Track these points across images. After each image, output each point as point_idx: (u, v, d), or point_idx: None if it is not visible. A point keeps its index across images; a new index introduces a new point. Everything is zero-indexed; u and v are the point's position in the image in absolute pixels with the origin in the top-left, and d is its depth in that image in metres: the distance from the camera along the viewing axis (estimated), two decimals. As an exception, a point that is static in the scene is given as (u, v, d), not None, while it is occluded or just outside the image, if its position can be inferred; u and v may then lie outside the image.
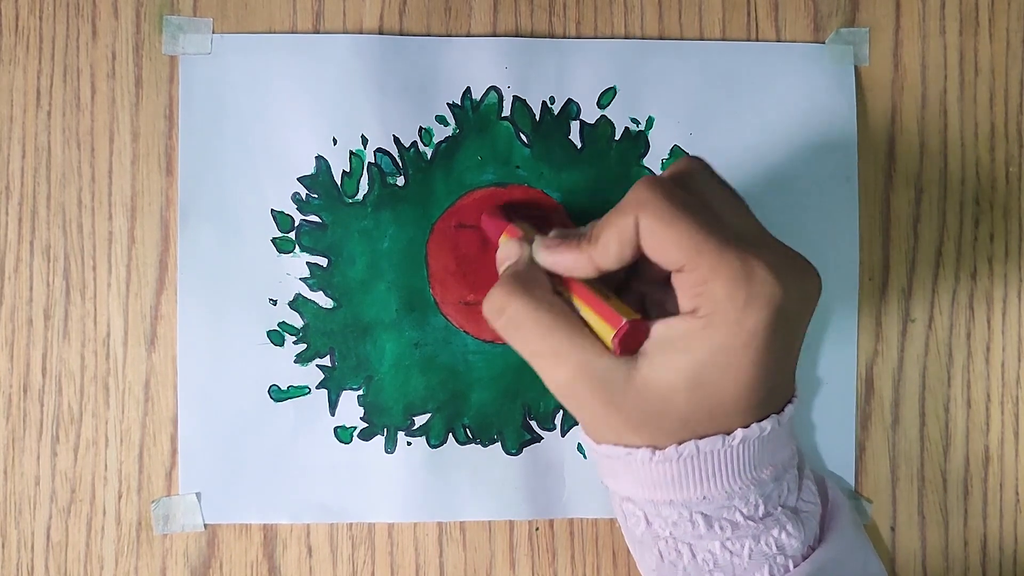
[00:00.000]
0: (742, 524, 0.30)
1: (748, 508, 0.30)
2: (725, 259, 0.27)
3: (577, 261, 0.30)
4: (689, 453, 0.29)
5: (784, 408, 0.31)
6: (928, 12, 0.41)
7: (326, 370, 0.39)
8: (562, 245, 0.31)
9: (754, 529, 0.31)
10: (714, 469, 0.30)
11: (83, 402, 0.39)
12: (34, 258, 0.39)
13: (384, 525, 0.39)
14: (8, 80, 0.39)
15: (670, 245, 0.28)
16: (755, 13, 0.40)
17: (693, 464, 0.30)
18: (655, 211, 0.28)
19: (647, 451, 0.30)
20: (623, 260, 0.30)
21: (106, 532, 0.39)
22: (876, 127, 0.41)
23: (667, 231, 0.28)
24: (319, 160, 0.39)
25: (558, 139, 0.39)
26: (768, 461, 0.31)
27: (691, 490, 0.30)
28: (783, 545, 0.31)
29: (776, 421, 0.30)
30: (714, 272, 0.27)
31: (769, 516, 0.31)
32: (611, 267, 0.30)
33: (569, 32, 0.40)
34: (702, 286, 0.28)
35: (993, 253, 0.41)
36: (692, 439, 0.29)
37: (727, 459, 0.30)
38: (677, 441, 0.30)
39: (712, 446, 0.29)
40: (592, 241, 0.30)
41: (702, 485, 0.30)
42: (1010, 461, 0.41)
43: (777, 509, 0.31)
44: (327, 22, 0.39)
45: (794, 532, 0.31)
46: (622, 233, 0.29)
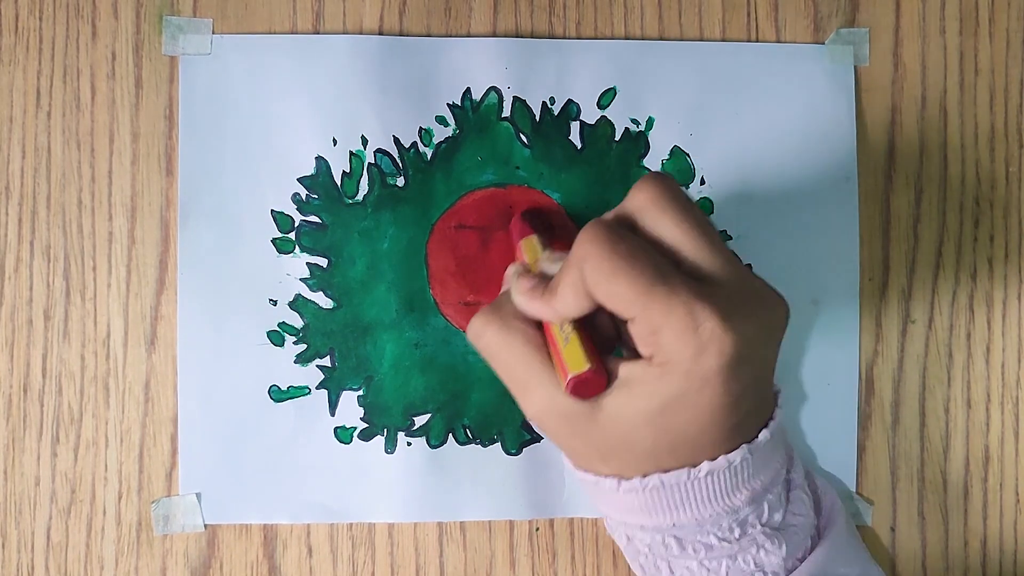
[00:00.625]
0: (716, 546, 0.31)
1: (721, 532, 0.31)
2: (671, 310, 0.27)
3: (542, 311, 0.31)
4: (654, 485, 0.30)
5: (758, 435, 0.31)
6: (928, 12, 0.41)
7: (326, 370, 0.39)
8: (531, 289, 0.31)
9: (729, 549, 0.31)
10: (681, 499, 0.30)
11: (83, 402, 0.39)
12: (34, 258, 0.39)
13: (384, 525, 0.39)
14: (8, 80, 0.39)
15: (616, 298, 0.28)
16: (755, 14, 0.40)
17: (659, 495, 0.30)
18: (597, 266, 0.28)
19: (614, 481, 0.31)
20: (585, 309, 0.30)
21: (106, 532, 0.39)
22: (876, 127, 0.41)
23: (611, 286, 0.28)
24: (319, 160, 0.39)
25: (558, 140, 0.39)
26: (743, 486, 0.31)
27: (661, 517, 0.31)
28: (761, 563, 0.31)
29: (747, 450, 0.30)
30: (663, 323, 0.27)
31: (745, 536, 0.31)
32: (575, 315, 0.30)
33: (569, 33, 0.40)
34: (653, 336, 0.28)
35: (993, 253, 0.41)
36: (657, 472, 0.30)
37: (694, 490, 0.30)
38: (642, 473, 0.30)
39: (677, 479, 0.30)
40: (552, 293, 0.30)
41: (671, 513, 0.30)
42: (1010, 461, 0.41)
43: (755, 528, 0.31)
44: (327, 22, 0.39)
45: (772, 549, 0.31)
46: (575, 286, 0.29)
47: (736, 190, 0.40)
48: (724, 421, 0.29)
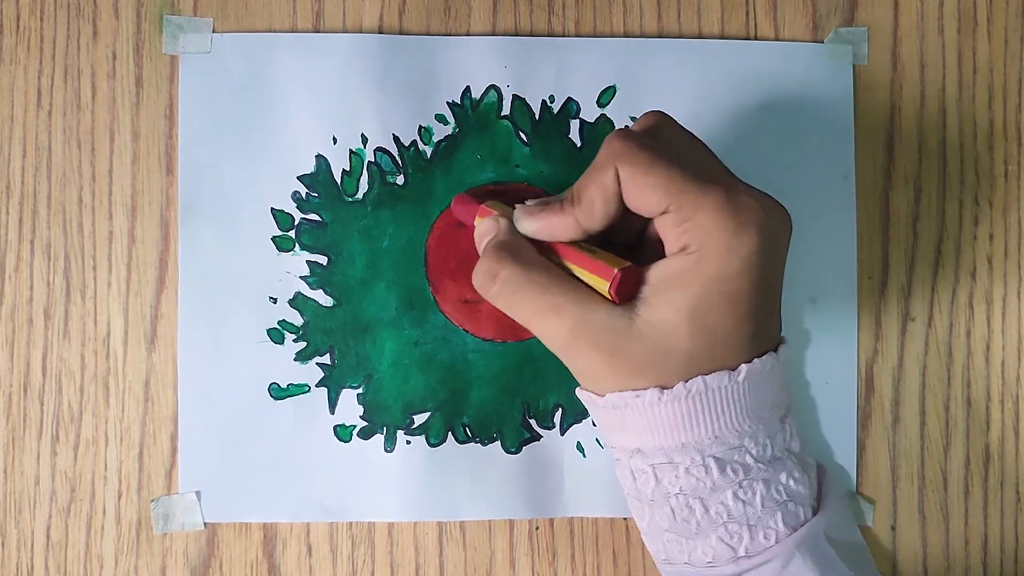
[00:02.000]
0: (753, 467, 0.30)
1: (757, 449, 0.31)
2: (709, 193, 0.28)
3: (563, 224, 0.31)
4: (697, 390, 0.30)
5: (778, 348, 0.31)
6: (927, 11, 0.41)
7: (326, 368, 0.39)
8: (545, 210, 0.31)
9: (764, 472, 0.31)
10: (723, 406, 0.30)
11: (83, 401, 0.39)
12: (34, 257, 0.39)
13: (384, 524, 0.39)
14: (9, 80, 0.39)
15: (652, 189, 0.29)
16: (754, 12, 0.40)
17: (702, 401, 0.30)
18: (633, 160, 0.29)
19: (655, 391, 0.30)
20: (608, 217, 0.30)
21: (106, 531, 0.39)
22: (875, 126, 0.41)
23: (647, 177, 0.29)
24: (319, 159, 0.39)
25: (558, 138, 0.40)
26: (771, 401, 0.31)
27: (702, 429, 0.30)
28: (792, 492, 0.31)
29: (775, 358, 0.31)
30: (699, 207, 0.28)
31: (777, 460, 0.31)
32: (597, 226, 0.30)
33: (568, 31, 0.40)
34: (689, 222, 0.28)
35: (992, 251, 0.41)
36: (699, 375, 0.30)
37: (734, 395, 0.30)
38: (684, 379, 0.30)
39: (719, 382, 0.30)
40: (575, 202, 0.30)
41: (714, 423, 0.30)
42: (1010, 460, 0.41)
43: (784, 452, 0.31)
44: (327, 21, 0.39)
45: (800, 478, 0.31)
46: (604, 189, 0.29)
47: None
48: (757, 315, 0.29)
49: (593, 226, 0.30)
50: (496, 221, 0.33)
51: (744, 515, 0.31)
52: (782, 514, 0.31)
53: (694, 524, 0.31)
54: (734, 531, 0.31)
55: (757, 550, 0.31)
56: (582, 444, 0.39)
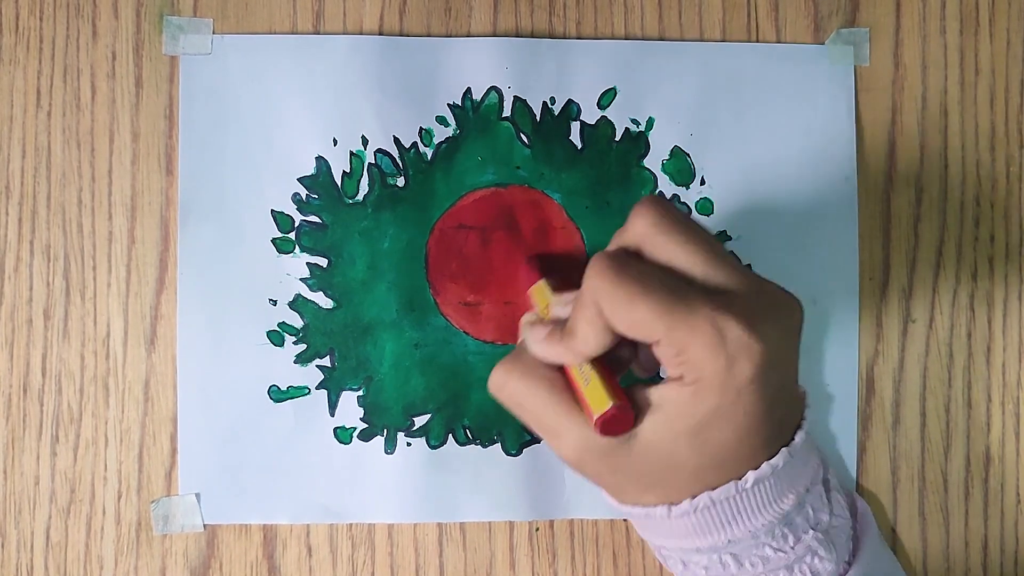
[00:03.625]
0: (772, 558, 0.31)
1: (776, 541, 0.31)
2: (696, 327, 0.27)
3: (564, 354, 0.31)
4: (704, 505, 0.30)
5: (794, 436, 0.31)
6: (928, 12, 0.41)
7: (326, 370, 0.39)
8: (548, 338, 0.31)
9: (785, 559, 0.31)
10: (733, 514, 0.30)
11: (83, 402, 0.39)
12: (34, 258, 0.39)
13: (384, 525, 0.39)
14: (8, 80, 0.39)
15: (638, 325, 0.28)
16: (755, 13, 0.40)
17: (711, 514, 0.30)
18: (613, 297, 0.28)
19: (663, 508, 0.30)
20: (604, 347, 0.30)
21: (106, 532, 0.39)
22: (876, 127, 0.41)
23: (630, 314, 0.28)
24: (319, 160, 0.39)
25: (558, 140, 0.39)
26: (788, 490, 0.31)
27: (715, 536, 0.30)
28: (817, 570, 0.31)
29: (787, 453, 0.30)
30: (689, 341, 0.27)
31: (799, 543, 0.31)
32: (597, 353, 0.30)
33: (569, 32, 0.40)
34: (682, 355, 0.28)
35: (993, 253, 0.41)
36: (705, 491, 0.30)
37: (744, 502, 0.30)
38: (690, 495, 0.30)
39: (726, 494, 0.30)
40: (570, 335, 0.30)
41: (724, 530, 0.30)
42: (1011, 462, 0.41)
43: (807, 534, 0.31)
44: (327, 23, 0.39)
45: (826, 555, 0.31)
46: (593, 323, 0.29)
47: (736, 190, 0.40)
48: (761, 428, 0.29)
49: (590, 355, 0.30)
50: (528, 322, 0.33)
51: None
52: None
53: None
54: None
55: None
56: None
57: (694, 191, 0.40)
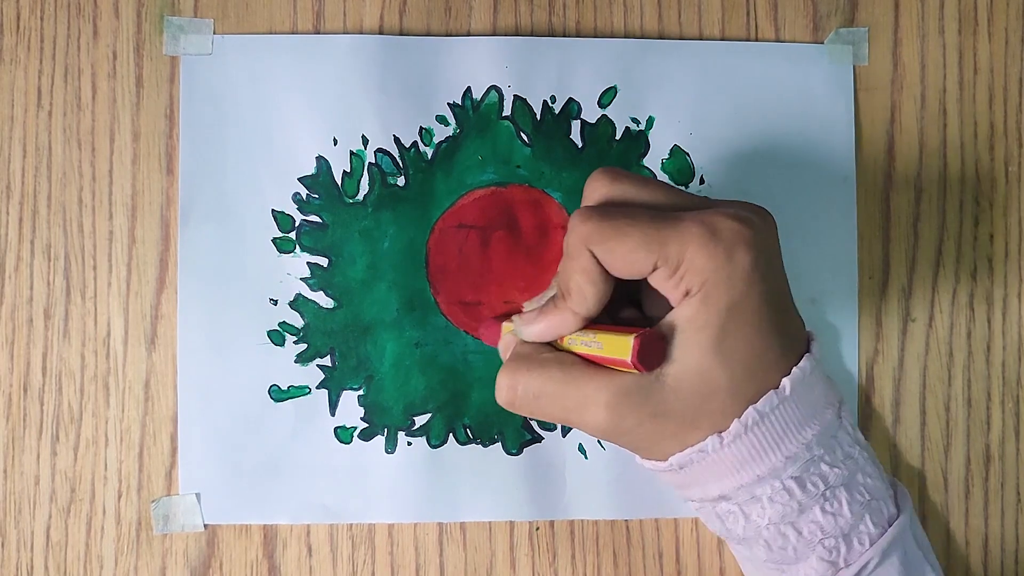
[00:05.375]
0: (829, 474, 0.30)
1: (828, 454, 0.30)
2: (687, 231, 0.28)
3: (562, 321, 0.31)
4: (753, 420, 0.29)
5: (809, 347, 0.31)
6: (927, 12, 0.41)
7: (326, 370, 0.39)
8: (541, 313, 0.31)
9: (842, 476, 0.31)
10: (783, 427, 0.30)
11: (83, 401, 0.39)
12: (34, 257, 0.39)
13: (384, 525, 0.39)
14: (9, 80, 0.39)
15: (633, 254, 0.28)
16: (754, 13, 0.40)
17: (761, 430, 0.30)
18: (603, 234, 0.29)
19: (715, 438, 0.30)
20: (603, 299, 0.30)
21: (106, 532, 0.39)
22: (876, 127, 0.41)
23: (622, 244, 0.28)
24: (319, 160, 0.39)
25: (559, 139, 0.40)
26: (824, 402, 0.31)
27: (773, 456, 0.30)
28: (872, 489, 0.31)
29: (811, 358, 0.30)
30: (684, 248, 0.28)
31: (849, 458, 0.31)
32: (595, 310, 0.30)
33: (569, 31, 0.40)
34: (681, 268, 0.28)
35: (993, 253, 0.41)
36: (749, 406, 0.29)
37: (789, 412, 0.30)
38: (736, 415, 0.29)
39: (769, 404, 0.29)
40: (566, 296, 0.30)
41: (781, 446, 0.30)
42: (1011, 460, 0.41)
43: (854, 448, 0.31)
44: (327, 22, 0.39)
45: (873, 472, 0.32)
46: (587, 272, 0.29)
47: (735, 189, 0.40)
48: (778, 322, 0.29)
49: (591, 311, 0.30)
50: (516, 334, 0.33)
51: (836, 527, 0.31)
52: (869, 515, 0.31)
53: (791, 550, 0.31)
54: (831, 546, 0.31)
55: (854, 558, 0.31)
56: (584, 446, 0.39)
57: (693, 190, 0.40)
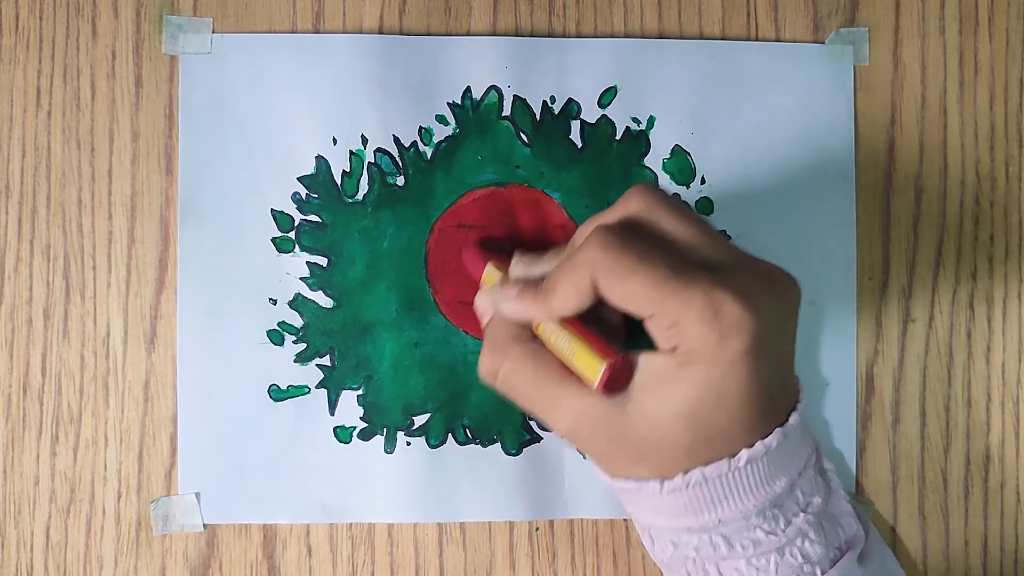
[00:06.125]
0: (763, 540, 0.30)
1: (767, 524, 0.30)
2: (690, 300, 0.27)
3: (537, 312, 0.31)
4: (696, 481, 0.30)
5: (788, 417, 0.31)
6: (928, 12, 0.41)
7: (326, 370, 0.39)
8: (521, 296, 0.31)
9: (776, 542, 0.31)
10: (725, 492, 0.30)
11: (83, 402, 0.39)
12: (34, 258, 0.39)
13: (384, 525, 0.39)
14: (8, 80, 0.39)
15: (633, 298, 0.28)
16: (755, 13, 0.40)
17: (703, 491, 0.30)
18: (611, 269, 0.28)
19: (656, 483, 0.30)
20: (582, 307, 0.30)
21: (105, 532, 0.39)
22: (876, 127, 0.41)
23: (627, 287, 0.28)
24: (319, 160, 0.39)
25: (558, 139, 0.39)
26: (781, 473, 0.31)
27: (706, 515, 0.30)
28: (807, 553, 0.31)
29: (781, 434, 0.30)
30: (683, 313, 0.28)
31: (790, 526, 0.31)
32: (570, 314, 0.30)
33: (569, 31, 0.40)
34: (674, 328, 0.28)
35: (993, 253, 0.41)
36: (698, 467, 0.30)
37: (736, 481, 0.30)
38: (683, 470, 0.30)
39: (719, 471, 0.30)
40: (549, 293, 0.30)
41: (716, 509, 0.30)
42: (1011, 461, 0.41)
43: (799, 517, 0.31)
44: (327, 22, 0.39)
45: (816, 538, 0.31)
46: (578, 286, 0.29)
47: (736, 189, 0.40)
48: (755, 406, 0.29)
49: (567, 314, 0.30)
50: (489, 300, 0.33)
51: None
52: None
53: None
54: None
55: None
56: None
57: (694, 190, 0.40)
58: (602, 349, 0.29)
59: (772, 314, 0.29)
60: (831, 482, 0.34)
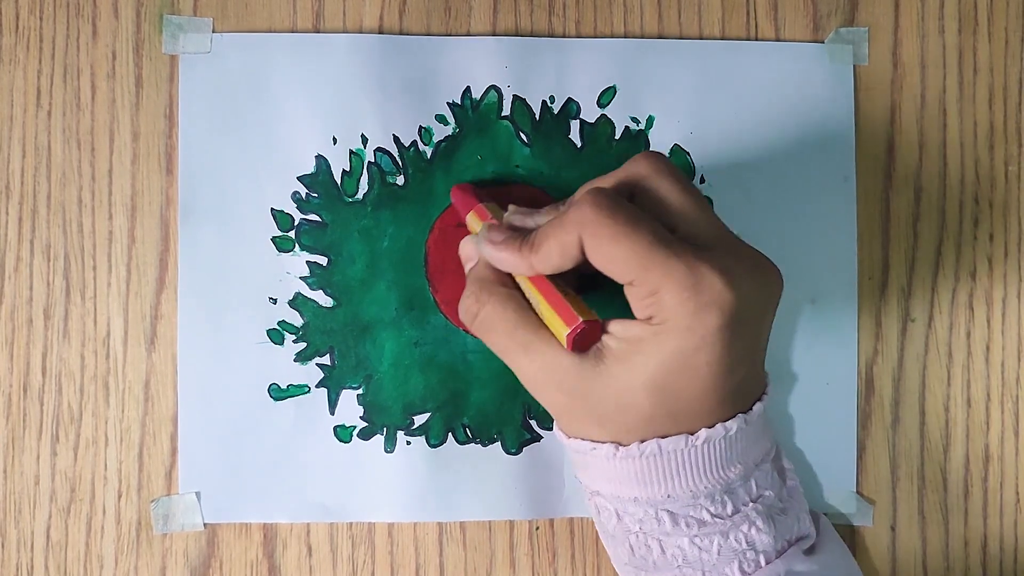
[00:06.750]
0: (709, 522, 0.31)
1: (715, 507, 0.31)
2: (672, 269, 0.28)
3: (517, 264, 0.31)
4: (651, 451, 0.30)
5: (752, 406, 0.31)
6: (927, 11, 0.41)
7: (326, 369, 0.39)
8: (504, 244, 0.32)
9: (722, 526, 0.31)
10: (678, 468, 0.30)
11: (83, 401, 0.39)
12: (34, 257, 0.39)
13: (384, 524, 0.39)
14: (8, 80, 0.39)
15: (617, 261, 0.28)
16: (754, 12, 0.40)
17: (656, 462, 0.30)
18: (598, 231, 0.29)
19: (611, 447, 0.30)
20: (564, 267, 0.30)
21: (106, 532, 0.39)
22: (876, 126, 0.41)
23: (612, 249, 0.28)
24: (319, 159, 0.39)
25: (558, 138, 0.40)
26: (736, 460, 0.31)
27: (655, 488, 0.30)
28: (753, 540, 0.31)
29: (743, 420, 0.30)
30: (663, 283, 0.28)
31: (738, 513, 0.31)
32: (550, 272, 0.31)
33: (569, 31, 0.40)
34: (652, 297, 0.28)
35: (993, 253, 0.41)
36: (655, 438, 0.30)
37: (691, 458, 0.30)
38: (640, 439, 0.30)
39: (675, 445, 0.30)
40: (534, 249, 0.31)
41: (665, 483, 0.30)
42: (1010, 460, 0.41)
43: (747, 505, 0.31)
44: (327, 21, 0.39)
45: (764, 528, 0.31)
46: (564, 246, 0.30)
47: (735, 188, 0.40)
48: (721, 386, 0.29)
49: (547, 272, 0.31)
50: (474, 246, 0.34)
51: (700, 560, 0.31)
52: (739, 562, 0.31)
53: (651, 562, 0.32)
54: (689, 574, 0.31)
55: None
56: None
57: (693, 190, 0.40)
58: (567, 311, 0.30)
59: (751, 298, 0.29)
60: (788, 480, 0.34)
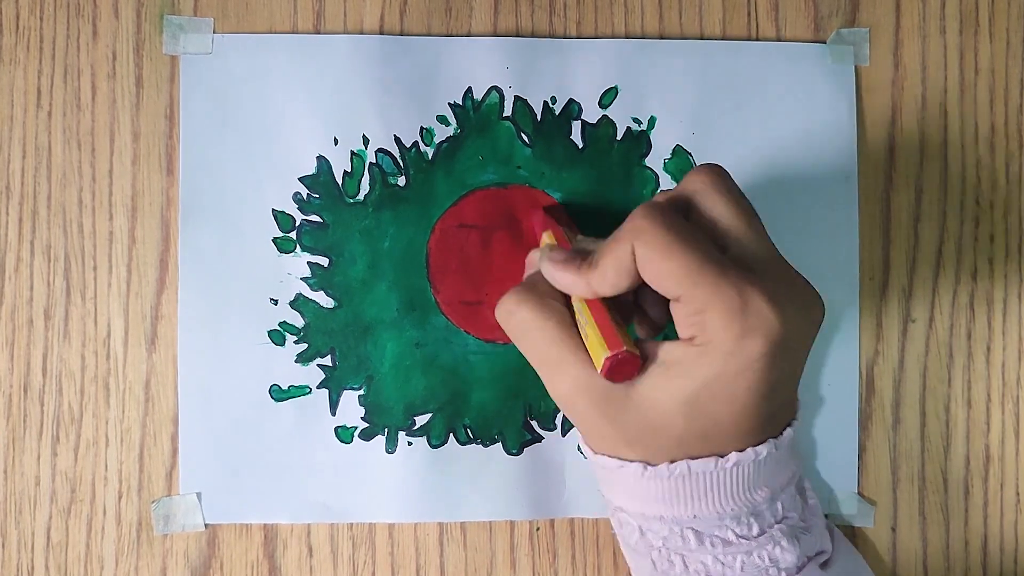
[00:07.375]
0: (734, 542, 0.31)
1: (741, 528, 0.31)
2: (721, 290, 0.27)
3: (575, 284, 0.31)
4: (680, 472, 0.30)
5: (783, 432, 0.31)
6: (928, 12, 0.41)
7: (327, 370, 0.39)
8: (564, 264, 0.31)
9: (747, 546, 0.31)
10: (705, 489, 0.30)
11: (83, 402, 0.39)
12: (34, 258, 0.39)
13: (385, 525, 0.39)
14: (8, 80, 0.39)
15: (666, 276, 0.28)
16: (755, 13, 0.40)
17: (684, 483, 0.30)
18: (650, 242, 0.28)
19: (639, 466, 0.30)
20: (621, 287, 0.30)
21: (106, 532, 0.39)
22: (876, 127, 0.41)
23: (663, 263, 0.28)
24: (320, 160, 0.39)
25: (559, 139, 0.39)
26: (764, 483, 0.31)
27: (682, 508, 0.30)
28: (776, 559, 0.31)
29: (773, 445, 0.30)
30: (710, 303, 0.28)
31: (764, 534, 0.31)
32: (608, 293, 0.30)
33: (570, 32, 0.40)
34: (698, 316, 0.28)
35: (993, 253, 0.41)
36: (685, 459, 0.30)
37: (719, 481, 0.30)
38: (670, 459, 0.30)
39: (704, 467, 0.30)
40: (592, 266, 0.30)
41: (693, 504, 0.30)
42: (1011, 461, 0.41)
43: (772, 527, 0.31)
44: (328, 22, 0.39)
45: (789, 547, 0.31)
46: (619, 261, 0.29)
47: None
48: (756, 411, 0.29)
49: (604, 292, 0.30)
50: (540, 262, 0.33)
51: None
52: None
53: None
54: None
55: None
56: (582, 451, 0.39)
57: (695, 191, 0.40)
58: (624, 336, 0.29)
59: (795, 326, 0.28)
60: (809, 499, 0.34)
